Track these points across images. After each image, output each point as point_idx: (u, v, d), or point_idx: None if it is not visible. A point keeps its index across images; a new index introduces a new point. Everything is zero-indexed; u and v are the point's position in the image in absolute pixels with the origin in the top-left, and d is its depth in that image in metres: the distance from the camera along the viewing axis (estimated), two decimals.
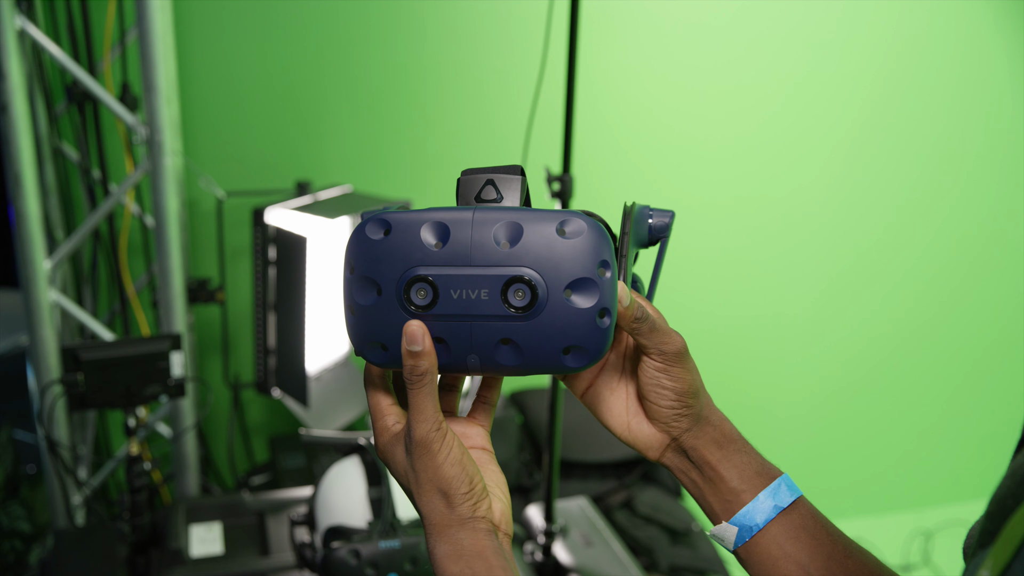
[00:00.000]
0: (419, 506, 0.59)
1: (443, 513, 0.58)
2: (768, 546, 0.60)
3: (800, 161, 2.57)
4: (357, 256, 0.56)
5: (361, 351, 0.58)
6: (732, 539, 0.61)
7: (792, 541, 0.60)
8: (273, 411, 2.30)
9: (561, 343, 0.55)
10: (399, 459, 0.60)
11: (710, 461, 0.61)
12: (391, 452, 0.60)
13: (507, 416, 2.06)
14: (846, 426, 2.89)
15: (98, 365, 1.46)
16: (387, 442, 0.60)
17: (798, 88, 2.49)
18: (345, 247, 0.57)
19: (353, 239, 0.57)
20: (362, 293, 0.57)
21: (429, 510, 0.58)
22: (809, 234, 2.66)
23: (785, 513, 0.60)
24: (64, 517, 1.84)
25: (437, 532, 0.58)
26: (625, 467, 2.14)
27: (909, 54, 2.55)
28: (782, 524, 0.60)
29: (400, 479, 0.60)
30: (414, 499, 0.60)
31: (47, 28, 1.83)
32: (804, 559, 0.59)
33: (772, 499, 0.60)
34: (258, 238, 1.86)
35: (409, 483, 0.59)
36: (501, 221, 0.55)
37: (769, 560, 0.60)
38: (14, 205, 1.68)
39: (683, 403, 0.61)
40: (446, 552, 0.57)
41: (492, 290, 0.55)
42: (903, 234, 2.74)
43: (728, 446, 0.62)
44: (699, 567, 1.91)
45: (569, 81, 1.52)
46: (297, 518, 1.32)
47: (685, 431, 0.62)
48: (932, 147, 2.67)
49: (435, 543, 0.58)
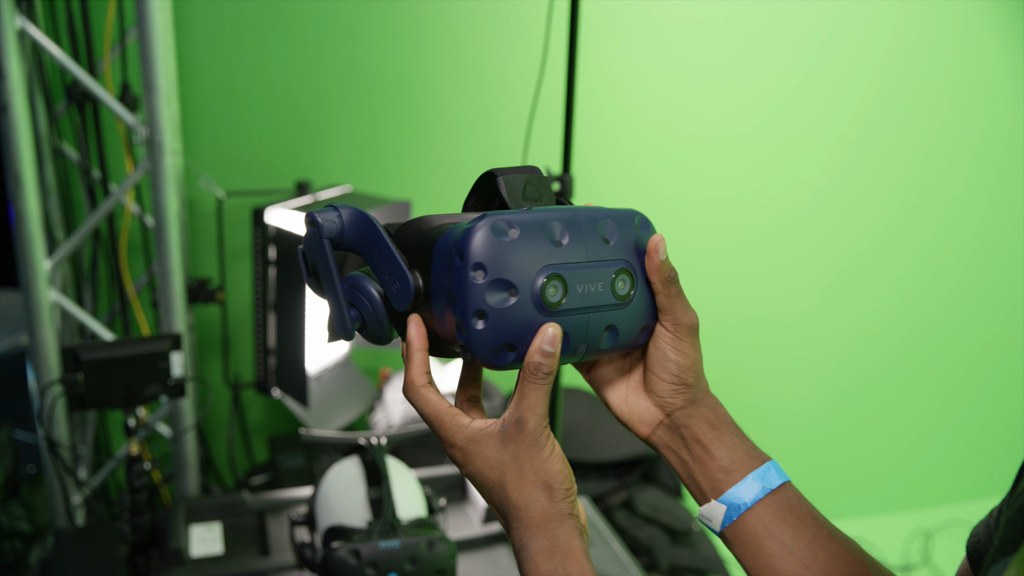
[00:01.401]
0: (516, 499, 0.58)
1: (544, 507, 0.58)
2: (754, 525, 0.61)
3: (800, 160, 2.57)
4: (492, 259, 0.56)
5: (489, 356, 0.57)
6: (720, 518, 0.62)
7: (778, 522, 0.61)
8: (273, 411, 2.30)
9: (642, 323, 0.62)
10: (490, 453, 0.59)
11: (701, 440, 0.63)
12: (476, 448, 0.60)
13: None
14: (846, 425, 2.89)
15: (98, 365, 1.46)
16: (468, 438, 0.60)
17: (798, 87, 2.49)
18: (466, 253, 0.55)
19: (484, 243, 0.55)
20: (496, 296, 0.56)
21: (529, 503, 0.58)
22: (809, 233, 2.66)
23: (772, 495, 0.61)
24: (64, 517, 1.84)
25: (536, 526, 0.58)
26: (625, 467, 2.14)
27: (908, 53, 2.55)
28: (768, 505, 0.61)
29: (489, 473, 0.59)
30: (508, 492, 0.59)
31: (47, 28, 1.83)
32: (788, 539, 0.60)
33: (760, 481, 0.61)
34: (258, 238, 1.86)
35: (505, 475, 0.59)
36: (601, 219, 0.61)
37: (755, 539, 0.61)
38: (14, 205, 1.68)
39: (684, 380, 0.63)
40: (542, 547, 0.57)
41: (605, 282, 0.59)
42: (903, 233, 2.74)
43: (721, 428, 0.63)
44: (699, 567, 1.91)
45: (569, 81, 1.52)
46: (297, 518, 1.32)
47: (680, 408, 0.63)
48: (932, 145, 2.67)
49: (531, 537, 0.58)
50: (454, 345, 0.60)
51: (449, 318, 0.58)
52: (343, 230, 0.63)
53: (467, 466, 0.61)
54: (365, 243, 0.63)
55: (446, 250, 0.57)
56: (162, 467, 2.11)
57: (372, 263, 0.62)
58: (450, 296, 0.57)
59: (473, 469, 0.60)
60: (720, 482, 0.62)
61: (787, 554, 0.60)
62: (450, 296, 0.57)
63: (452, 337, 0.59)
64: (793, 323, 2.73)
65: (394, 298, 0.61)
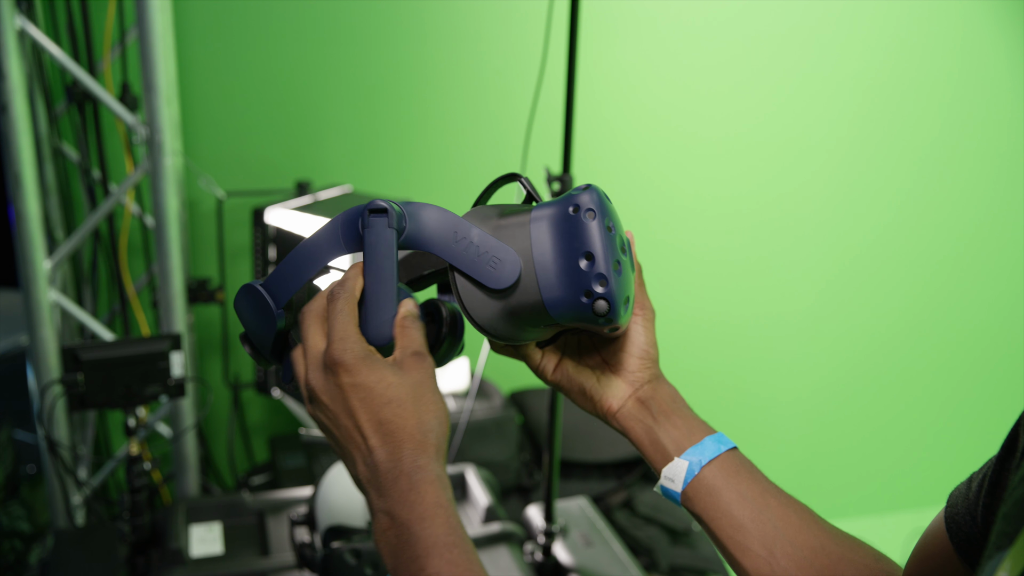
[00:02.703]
0: (416, 422, 0.61)
1: (440, 437, 0.63)
2: (713, 478, 0.68)
3: (800, 160, 2.57)
4: (611, 218, 0.65)
5: (619, 305, 0.63)
6: (683, 476, 0.69)
7: (733, 475, 0.68)
8: (273, 411, 2.30)
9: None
10: (387, 373, 0.62)
11: (664, 410, 0.71)
12: (371, 365, 0.62)
13: (507, 416, 2.06)
14: (846, 425, 2.89)
15: (98, 365, 1.46)
16: (365, 353, 0.63)
17: (798, 87, 2.49)
18: (598, 211, 0.63)
19: (605, 204, 0.64)
20: (616, 253, 0.65)
21: (428, 429, 0.62)
22: (808, 233, 2.66)
23: (726, 454, 0.69)
24: (64, 517, 1.84)
25: (434, 452, 0.62)
26: (625, 467, 2.14)
27: (908, 54, 2.55)
28: (723, 462, 0.69)
29: (386, 391, 0.62)
30: (406, 413, 0.61)
31: (47, 28, 1.83)
32: (744, 488, 0.68)
33: (716, 443, 0.70)
34: (258, 238, 1.86)
35: (406, 398, 0.62)
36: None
37: (714, 491, 0.68)
38: (14, 205, 1.68)
39: (651, 355, 0.72)
40: (439, 474, 0.61)
41: (626, 262, 0.67)
42: (902, 233, 2.74)
43: (680, 403, 0.73)
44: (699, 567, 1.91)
45: (569, 81, 1.52)
46: (297, 518, 1.32)
47: (646, 383, 0.72)
48: (931, 146, 2.68)
49: (428, 460, 0.61)
50: (566, 308, 0.63)
51: (579, 277, 0.62)
52: (405, 222, 0.65)
53: (357, 375, 0.60)
54: (442, 229, 0.65)
55: (564, 214, 0.63)
56: (162, 467, 2.11)
57: (454, 254, 0.64)
58: (583, 256, 0.62)
59: (363, 380, 0.60)
60: (682, 441, 0.70)
61: (743, 501, 0.67)
62: (583, 256, 0.62)
63: (572, 299, 0.63)
64: (793, 323, 2.73)
65: (496, 279, 0.64)
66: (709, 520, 0.68)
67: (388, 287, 0.64)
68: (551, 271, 0.63)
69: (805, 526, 0.67)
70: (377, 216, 0.63)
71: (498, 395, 2.15)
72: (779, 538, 0.66)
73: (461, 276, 0.65)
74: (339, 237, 0.65)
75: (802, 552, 0.66)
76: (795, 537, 0.66)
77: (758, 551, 0.66)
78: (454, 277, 0.66)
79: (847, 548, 0.67)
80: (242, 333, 0.71)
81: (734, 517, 0.67)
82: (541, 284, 0.63)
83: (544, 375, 0.75)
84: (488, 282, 0.64)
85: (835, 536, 0.68)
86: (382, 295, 0.64)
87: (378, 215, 0.63)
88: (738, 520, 0.67)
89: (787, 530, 0.66)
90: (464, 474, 1.73)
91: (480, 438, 2.01)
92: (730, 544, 0.67)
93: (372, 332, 0.63)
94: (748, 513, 0.67)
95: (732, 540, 0.67)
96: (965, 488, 0.58)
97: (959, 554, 0.55)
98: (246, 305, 0.69)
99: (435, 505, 0.58)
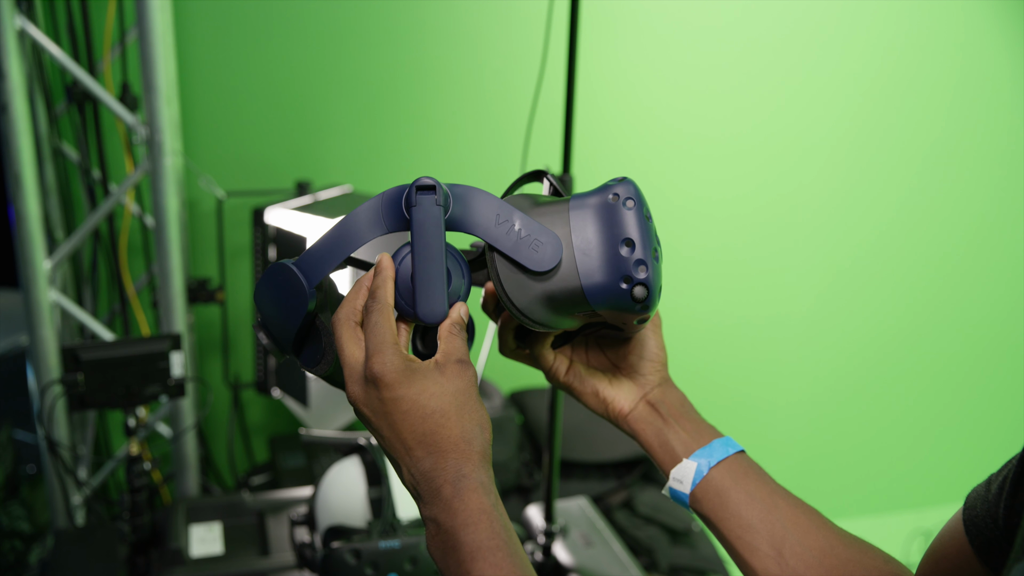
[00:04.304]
0: (459, 431, 0.63)
1: (483, 444, 0.65)
2: (721, 479, 0.70)
3: (800, 160, 2.57)
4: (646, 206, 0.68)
5: (656, 290, 0.66)
6: (691, 477, 0.70)
7: (741, 476, 0.70)
8: (273, 411, 2.30)
9: None
10: (429, 383, 0.63)
11: (674, 413, 0.73)
12: (413, 376, 0.63)
13: (507, 416, 2.06)
14: (846, 426, 2.89)
15: (98, 365, 1.46)
16: (406, 365, 0.63)
17: (798, 88, 2.49)
18: (636, 200, 0.66)
19: (640, 217, 0.66)
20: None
21: (472, 437, 0.63)
22: (809, 234, 2.66)
23: (733, 457, 0.71)
24: (64, 517, 1.84)
25: (478, 460, 0.63)
26: (625, 467, 2.14)
27: (909, 54, 2.55)
28: (731, 464, 0.71)
29: (429, 401, 0.62)
30: (450, 423, 0.62)
31: (47, 28, 1.83)
32: (752, 489, 0.69)
33: (724, 446, 0.71)
34: (258, 238, 1.86)
35: (449, 407, 0.63)
36: None
37: (723, 491, 0.69)
38: (14, 205, 1.68)
39: (660, 359, 0.75)
40: (483, 481, 0.62)
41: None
42: (903, 233, 2.74)
43: (688, 407, 0.75)
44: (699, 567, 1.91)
45: (569, 81, 1.52)
46: (297, 518, 1.32)
47: (656, 386, 0.75)
48: (932, 146, 2.67)
49: (473, 468, 0.62)
50: (604, 294, 0.65)
51: (619, 262, 0.64)
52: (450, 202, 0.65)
53: (397, 389, 0.60)
54: (485, 212, 0.65)
55: (605, 202, 0.65)
56: (162, 467, 2.11)
57: (496, 236, 0.65)
58: (623, 242, 0.64)
59: (404, 394, 0.60)
60: (691, 444, 0.72)
61: (752, 501, 0.69)
62: (623, 242, 0.64)
63: (611, 284, 0.64)
64: (793, 324, 2.73)
65: (538, 262, 0.64)
66: (718, 521, 0.69)
67: (438, 265, 0.63)
68: (591, 256, 0.64)
69: (814, 527, 0.68)
70: (425, 193, 0.63)
71: (498, 395, 2.15)
72: (788, 538, 0.67)
73: (501, 259, 0.65)
74: (380, 216, 0.65)
75: (811, 552, 0.66)
76: (804, 538, 0.67)
77: (767, 551, 0.67)
78: (494, 260, 0.65)
79: (856, 550, 0.67)
80: (257, 321, 0.70)
81: (743, 517, 0.68)
82: (581, 270, 0.64)
83: (556, 377, 0.76)
84: (530, 264, 0.64)
85: (844, 538, 0.68)
86: (432, 273, 0.63)
87: (426, 192, 0.63)
88: (747, 520, 0.68)
89: (796, 531, 0.67)
90: None
91: None
92: (739, 544, 0.68)
93: (423, 311, 0.63)
94: (757, 513, 0.68)
95: (741, 540, 0.68)
96: (984, 490, 0.58)
97: (979, 556, 0.56)
98: (271, 286, 0.67)
99: (479, 511, 0.58)
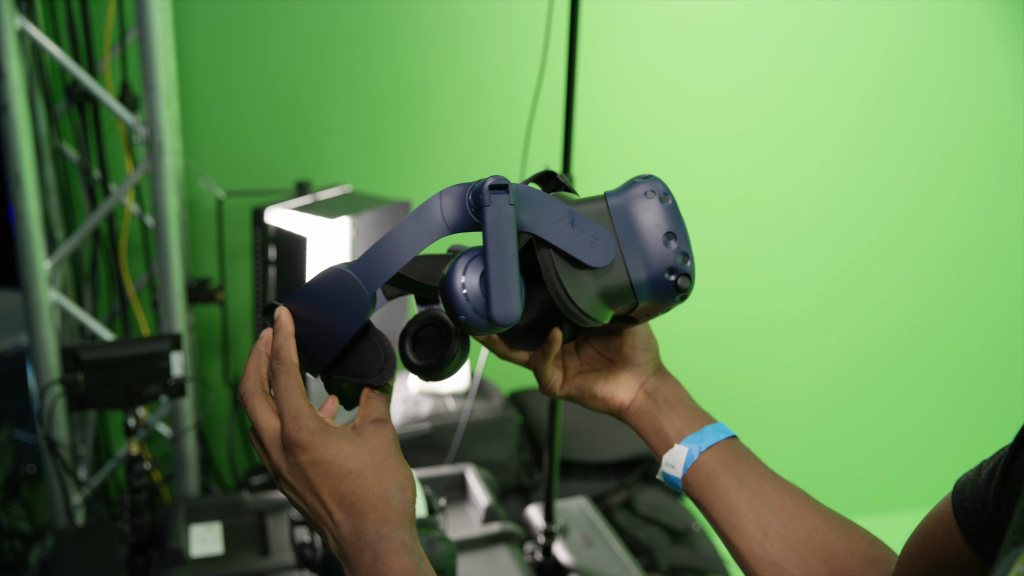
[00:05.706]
0: (377, 490, 0.62)
1: (403, 504, 0.63)
2: (712, 464, 0.72)
3: (800, 160, 2.57)
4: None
5: (691, 285, 0.68)
6: (683, 461, 0.72)
7: (731, 462, 0.72)
8: None
9: None
10: (345, 444, 0.63)
11: (669, 400, 0.76)
12: (330, 438, 0.63)
13: (507, 416, 2.06)
14: (846, 426, 2.89)
15: (98, 365, 1.46)
16: (322, 427, 0.64)
17: (798, 87, 2.49)
18: (670, 195, 0.71)
19: (677, 211, 0.70)
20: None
21: (390, 496, 0.63)
22: (809, 233, 2.66)
23: (725, 442, 0.73)
24: (64, 517, 1.84)
25: (397, 520, 0.62)
26: (625, 467, 2.14)
27: (909, 54, 2.55)
28: (722, 449, 0.73)
29: (345, 461, 0.62)
30: (367, 483, 0.62)
31: (47, 28, 1.83)
32: (741, 473, 0.71)
33: (715, 432, 0.73)
34: (258, 238, 1.86)
35: (365, 466, 0.63)
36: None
37: (712, 476, 0.71)
38: (14, 205, 1.68)
39: (652, 347, 0.78)
40: (404, 541, 0.61)
41: None
42: (902, 233, 2.74)
43: (684, 395, 0.77)
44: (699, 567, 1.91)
45: (569, 81, 1.52)
46: (297, 518, 1.32)
47: (652, 374, 0.77)
48: (931, 146, 2.67)
49: (392, 529, 0.61)
50: (650, 286, 0.67)
51: (664, 255, 0.67)
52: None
53: (314, 452, 0.61)
54: (544, 210, 0.65)
55: (643, 198, 0.69)
56: (162, 467, 2.11)
57: (554, 233, 0.64)
58: (665, 236, 0.67)
59: (321, 456, 0.61)
60: (684, 429, 0.74)
61: (740, 485, 0.71)
62: (665, 236, 0.67)
63: (658, 276, 0.67)
64: (793, 323, 2.73)
65: (595, 258, 0.65)
66: (707, 504, 0.72)
67: (512, 266, 0.61)
68: (638, 250, 0.67)
69: (800, 510, 0.70)
70: (498, 193, 0.61)
71: (498, 395, 2.15)
72: (774, 521, 0.69)
73: (558, 256, 0.64)
74: (441, 216, 0.63)
75: (796, 535, 0.69)
76: (789, 520, 0.69)
77: (752, 533, 0.69)
78: (550, 257, 0.64)
79: (842, 532, 0.69)
80: (261, 323, 0.69)
81: (731, 501, 0.71)
82: (629, 264, 0.66)
83: (553, 392, 0.78)
84: (589, 261, 0.65)
85: (830, 520, 0.70)
86: (508, 274, 0.60)
87: (499, 192, 0.61)
88: (734, 504, 0.70)
89: (782, 514, 0.70)
90: (464, 474, 1.73)
91: (480, 438, 2.01)
92: (726, 527, 0.71)
93: (498, 314, 0.60)
94: (744, 497, 0.70)
95: (728, 523, 0.70)
96: (974, 475, 0.59)
97: (968, 540, 0.56)
98: (321, 293, 0.65)
99: (401, 573, 0.58)
